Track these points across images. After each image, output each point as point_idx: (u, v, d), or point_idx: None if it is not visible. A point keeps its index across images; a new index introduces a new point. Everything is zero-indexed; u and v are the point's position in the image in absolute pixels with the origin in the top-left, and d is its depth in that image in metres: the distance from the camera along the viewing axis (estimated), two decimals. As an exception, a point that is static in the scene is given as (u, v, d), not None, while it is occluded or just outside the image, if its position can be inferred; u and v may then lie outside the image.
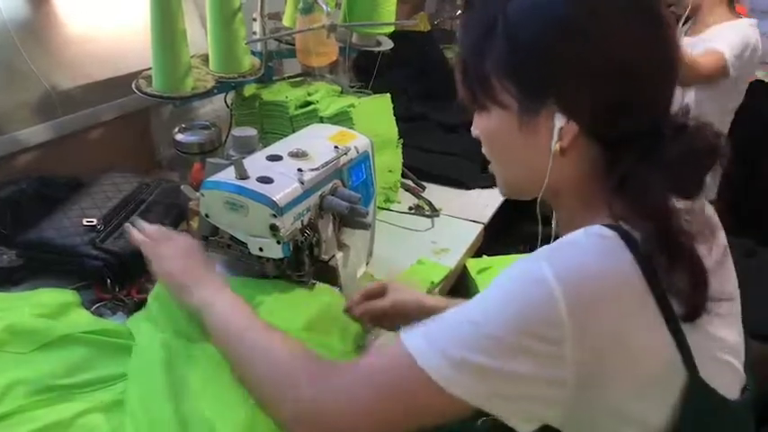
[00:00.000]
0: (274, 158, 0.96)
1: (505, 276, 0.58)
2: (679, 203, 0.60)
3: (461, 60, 0.67)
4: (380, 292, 0.94)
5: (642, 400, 0.58)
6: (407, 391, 0.57)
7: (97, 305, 1.02)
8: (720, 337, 0.61)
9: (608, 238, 0.57)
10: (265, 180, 0.89)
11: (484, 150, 0.72)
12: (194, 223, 1.13)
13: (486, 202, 1.50)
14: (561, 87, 0.61)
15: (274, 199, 0.86)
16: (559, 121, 0.61)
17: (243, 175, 0.89)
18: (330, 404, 0.60)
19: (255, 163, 0.94)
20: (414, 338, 0.58)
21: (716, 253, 0.64)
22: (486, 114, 0.67)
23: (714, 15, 1.97)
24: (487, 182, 1.59)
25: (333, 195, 0.97)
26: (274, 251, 0.90)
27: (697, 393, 0.58)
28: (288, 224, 0.88)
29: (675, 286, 0.56)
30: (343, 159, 1.00)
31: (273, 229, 0.87)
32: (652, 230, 0.57)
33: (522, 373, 0.54)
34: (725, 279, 0.66)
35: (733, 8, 1.99)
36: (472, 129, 0.72)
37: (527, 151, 0.65)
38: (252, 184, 0.88)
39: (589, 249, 0.57)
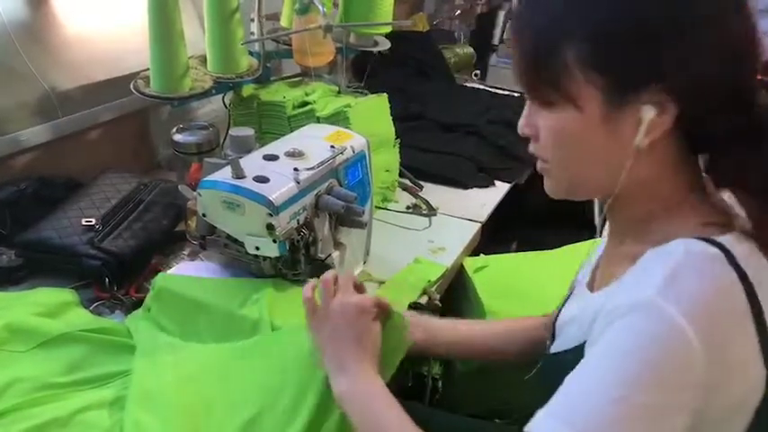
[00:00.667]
0: (271, 158, 0.97)
1: (626, 333, 0.53)
2: None
3: (526, 51, 0.61)
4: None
5: (726, 420, 0.57)
6: None
7: (96, 304, 1.03)
8: None
9: (716, 259, 0.54)
10: (261, 179, 0.90)
11: (540, 149, 0.66)
12: (192, 223, 1.14)
13: (484, 201, 1.51)
14: (666, 63, 0.55)
15: (270, 198, 0.87)
16: (649, 113, 0.56)
17: (239, 174, 0.90)
18: None
19: (252, 162, 0.95)
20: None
21: None
22: (554, 110, 0.61)
23: None
24: (485, 181, 1.60)
25: (329, 195, 0.97)
26: (271, 250, 0.90)
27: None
28: (284, 223, 0.89)
29: None
30: (339, 159, 1.01)
31: (270, 228, 0.88)
32: (761, 242, 0.54)
33: (677, 426, 0.52)
34: None
35: None
36: (521, 127, 0.66)
37: (604, 149, 0.60)
38: (248, 183, 0.89)
39: (703, 274, 0.54)
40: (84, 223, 1.09)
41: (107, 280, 1.04)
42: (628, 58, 0.56)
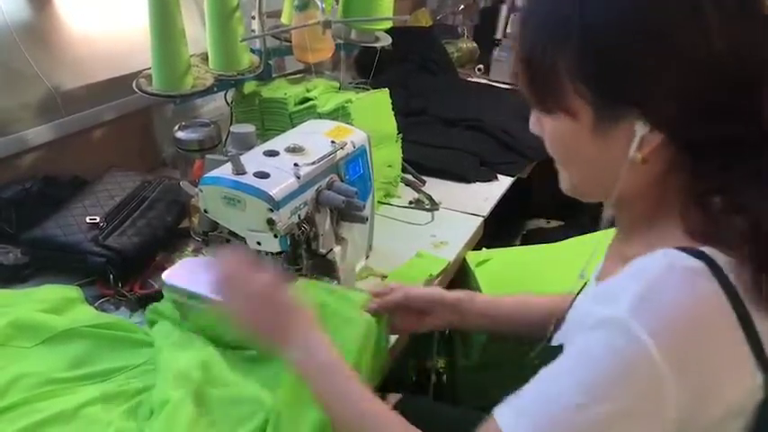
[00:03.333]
0: (271, 154, 0.97)
1: (594, 344, 0.54)
2: None
3: (525, 60, 0.62)
4: (387, 292, 0.92)
5: (721, 424, 0.57)
6: None
7: (100, 301, 1.05)
8: None
9: (696, 273, 0.54)
10: (262, 175, 0.91)
11: (548, 149, 0.67)
12: (195, 219, 1.14)
13: (486, 195, 1.51)
14: (646, 96, 0.56)
15: (271, 193, 0.87)
16: (641, 129, 0.56)
17: (240, 170, 0.90)
18: None
19: (252, 158, 0.95)
20: (512, 421, 0.56)
21: None
22: (552, 116, 0.62)
23: None
24: (487, 176, 1.60)
25: (329, 190, 0.98)
26: (272, 245, 0.91)
27: None
28: (285, 218, 0.90)
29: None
30: (340, 154, 1.01)
31: (270, 223, 0.89)
32: (744, 255, 0.54)
33: None
34: None
35: None
36: (531, 125, 0.68)
37: (599, 158, 0.61)
38: (249, 179, 0.90)
39: (680, 291, 0.54)
40: (88, 221, 1.11)
41: (111, 277, 1.06)
42: (614, 80, 0.57)
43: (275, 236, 0.90)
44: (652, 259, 0.56)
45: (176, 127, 1.29)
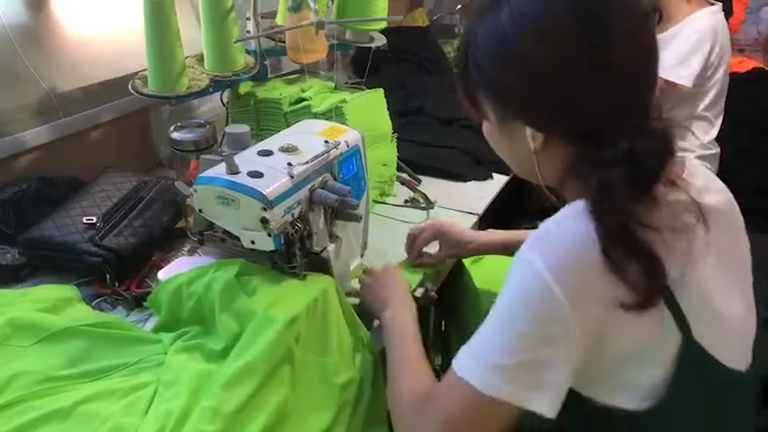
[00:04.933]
0: (265, 153, 0.99)
1: (509, 278, 0.67)
2: (670, 195, 0.68)
3: (456, 77, 0.79)
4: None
5: (635, 364, 0.67)
6: (474, 415, 0.67)
7: (98, 300, 1.06)
8: (715, 305, 0.69)
9: (585, 214, 0.65)
10: (256, 174, 0.92)
11: None
12: (191, 219, 1.15)
13: (481, 194, 1.52)
14: (521, 107, 0.72)
15: (264, 192, 0.88)
16: (528, 129, 0.72)
17: (233, 169, 0.91)
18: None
19: (247, 158, 0.96)
20: (464, 362, 0.69)
21: (700, 241, 0.69)
22: (484, 123, 0.80)
23: (677, 12, 1.91)
24: (482, 174, 1.61)
25: (323, 188, 0.99)
26: (266, 244, 0.92)
27: (690, 355, 0.67)
28: (278, 217, 0.91)
29: (629, 276, 0.62)
30: (334, 153, 1.02)
31: (264, 222, 0.90)
32: (609, 226, 0.64)
33: (552, 357, 0.64)
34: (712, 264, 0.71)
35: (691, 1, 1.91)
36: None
37: (514, 152, 0.79)
38: (242, 178, 0.91)
39: (573, 228, 0.66)
40: (85, 221, 1.12)
41: (108, 276, 1.07)
42: (498, 101, 0.74)
43: (269, 234, 0.91)
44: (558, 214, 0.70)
45: (172, 128, 1.30)
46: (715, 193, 0.75)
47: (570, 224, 0.66)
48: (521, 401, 0.64)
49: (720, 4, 1.91)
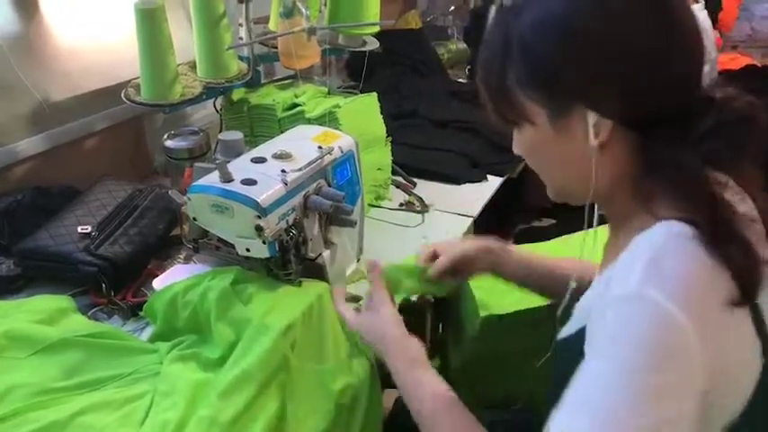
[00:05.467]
0: (259, 161, 0.99)
1: (624, 326, 0.55)
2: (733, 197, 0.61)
3: (483, 83, 0.69)
4: (435, 256, 0.97)
5: (723, 393, 0.58)
6: None
7: (94, 310, 1.06)
8: None
9: (695, 239, 0.57)
10: (249, 182, 0.92)
11: (529, 164, 0.73)
12: (186, 227, 1.15)
13: (476, 196, 1.52)
14: (585, 88, 0.62)
15: (258, 200, 0.88)
16: (592, 117, 0.62)
17: (227, 177, 0.91)
18: None
19: (240, 166, 0.97)
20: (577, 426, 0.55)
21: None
22: (520, 130, 0.69)
23: None
24: (477, 176, 1.61)
25: (317, 195, 0.99)
26: (261, 251, 0.92)
27: None
28: (272, 224, 0.91)
29: (734, 261, 0.56)
30: (327, 159, 1.02)
31: (258, 229, 0.90)
32: (701, 219, 0.57)
33: (688, 406, 0.54)
34: None
35: None
36: (514, 148, 0.73)
37: (568, 156, 0.67)
38: (236, 186, 0.91)
39: (685, 254, 0.56)
40: (80, 231, 1.11)
41: (104, 286, 1.06)
42: (552, 83, 0.63)
43: (264, 242, 0.91)
44: (654, 230, 0.59)
45: (165, 136, 1.30)
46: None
47: (680, 246, 0.57)
48: None
49: (703, 2, 1.91)
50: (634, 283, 0.55)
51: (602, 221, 0.76)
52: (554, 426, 0.57)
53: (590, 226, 0.73)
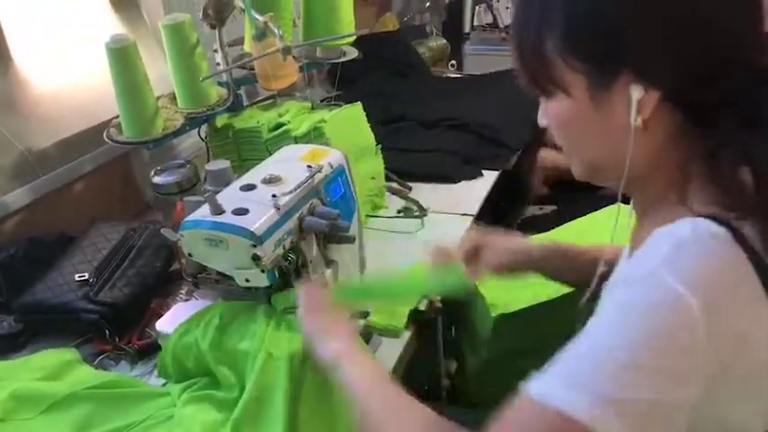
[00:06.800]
0: (248, 188, 0.97)
1: (632, 305, 0.53)
2: None
3: (517, 46, 0.63)
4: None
5: (744, 403, 0.57)
6: None
7: (100, 358, 1.04)
8: None
9: (721, 238, 0.53)
10: (241, 212, 0.90)
11: (554, 137, 0.67)
12: (185, 261, 1.14)
13: (474, 193, 1.51)
14: (635, 54, 0.56)
15: (251, 229, 0.86)
16: (636, 92, 0.56)
17: (217, 210, 0.90)
18: None
19: (230, 195, 0.95)
20: (554, 389, 0.52)
21: None
22: (553, 100, 0.63)
23: None
24: (472, 173, 1.59)
25: (311, 215, 0.97)
26: (260, 280, 0.90)
27: None
28: (269, 252, 0.89)
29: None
30: (318, 177, 1.00)
31: (255, 258, 0.88)
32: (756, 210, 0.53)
33: (689, 390, 0.52)
34: None
35: None
36: (539, 118, 0.68)
37: (604, 132, 0.61)
38: (228, 217, 0.89)
39: (707, 251, 0.53)
40: (77, 279, 1.10)
41: (107, 332, 1.05)
42: (599, 46, 0.57)
43: (262, 271, 0.89)
44: (678, 225, 0.55)
45: (153, 172, 1.28)
46: None
47: (707, 243, 0.53)
48: None
49: None
50: (652, 267, 0.53)
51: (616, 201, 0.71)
52: (538, 386, 0.54)
53: (621, 203, 0.68)
